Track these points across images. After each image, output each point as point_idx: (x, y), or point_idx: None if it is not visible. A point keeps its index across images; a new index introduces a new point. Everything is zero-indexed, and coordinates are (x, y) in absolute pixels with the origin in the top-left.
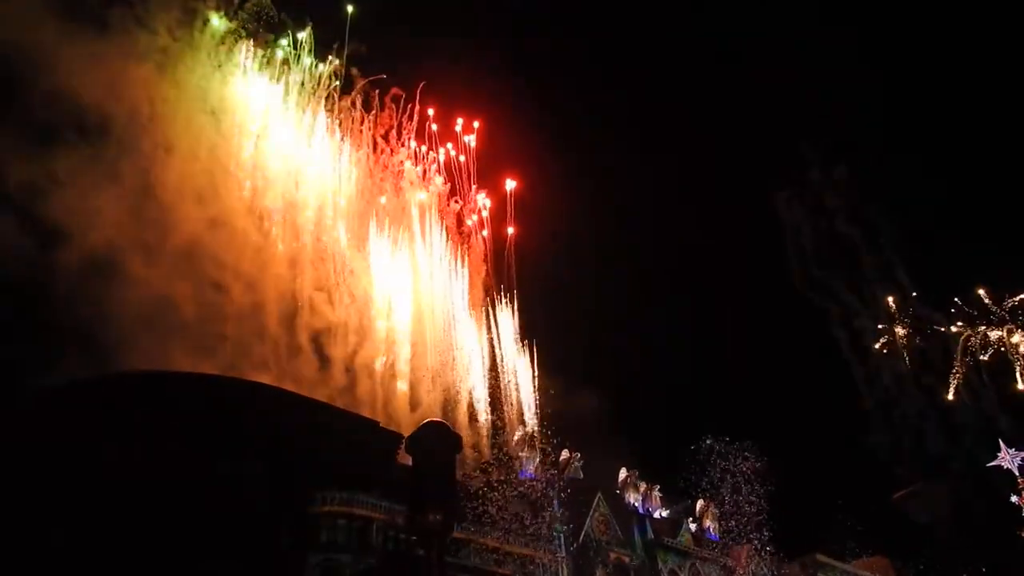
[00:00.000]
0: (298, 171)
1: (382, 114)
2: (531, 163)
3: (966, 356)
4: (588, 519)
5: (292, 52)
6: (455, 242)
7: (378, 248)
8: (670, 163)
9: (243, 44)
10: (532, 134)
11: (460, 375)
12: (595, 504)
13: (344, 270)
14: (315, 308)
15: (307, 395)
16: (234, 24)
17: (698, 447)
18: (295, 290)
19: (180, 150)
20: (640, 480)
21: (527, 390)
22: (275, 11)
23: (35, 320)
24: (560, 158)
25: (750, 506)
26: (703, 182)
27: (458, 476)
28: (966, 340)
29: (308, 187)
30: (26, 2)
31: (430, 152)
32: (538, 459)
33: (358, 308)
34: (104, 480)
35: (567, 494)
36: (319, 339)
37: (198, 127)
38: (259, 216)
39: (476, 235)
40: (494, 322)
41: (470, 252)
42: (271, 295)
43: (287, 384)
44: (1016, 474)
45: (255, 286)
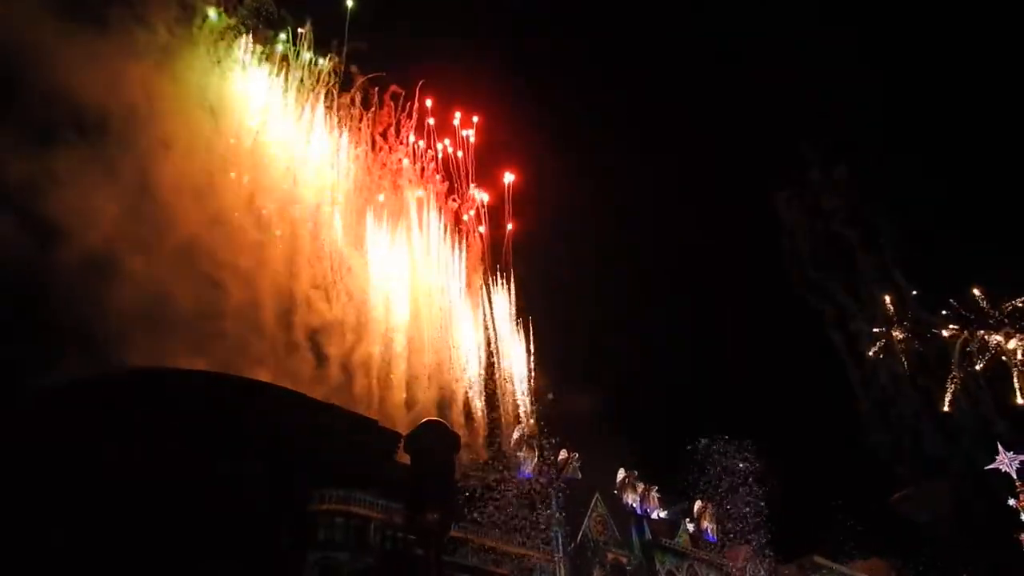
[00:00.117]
0: (296, 168)
1: (381, 112)
2: (531, 163)
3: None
4: (586, 519)
5: (291, 49)
6: (453, 238)
7: (375, 240)
8: (670, 163)
9: (242, 40)
10: (532, 134)
11: (457, 374)
12: (593, 504)
13: (341, 268)
14: (312, 305)
15: (305, 393)
16: (233, 20)
17: (695, 447)
18: (292, 287)
19: (178, 147)
20: (638, 481)
21: (524, 390)
22: (274, 7)
23: (35, 320)
24: (560, 158)
25: (748, 507)
26: (703, 182)
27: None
28: (963, 344)
29: (306, 184)
30: (24, 0)
31: (428, 150)
32: (536, 459)
33: (355, 306)
34: (104, 480)
35: (565, 494)
36: (316, 337)
37: (197, 124)
38: (257, 213)
39: (473, 232)
40: (492, 322)
41: (468, 250)
42: (268, 292)
43: (284, 381)
44: (1014, 477)
45: (253, 283)
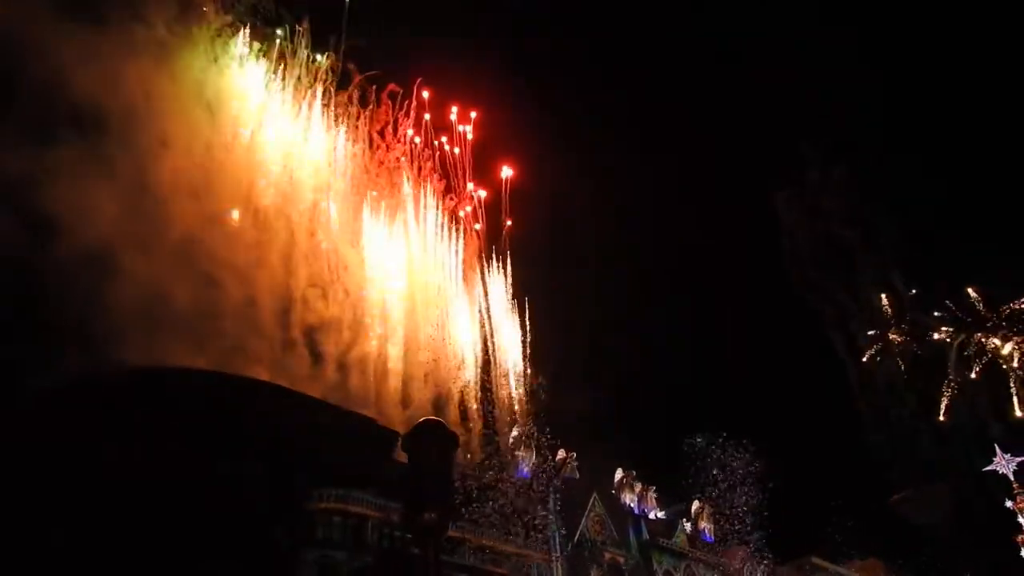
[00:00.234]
0: (293, 166)
1: (379, 110)
2: (530, 163)
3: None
4: (584, 519)
5: (288, 46)
6: (450, 235)
7: (372, 237)
8: (670, 163)
9: (239, 37)
10: (531, 134)
11: (453, 373)
12: (591, 504)
13: (338, 266)
14: (309, 304)
15: (302, 391)
16: (231, 17)
17: (691, 445)
18: (289, 286)
19: (176, 145)
20: (636, 481)
21: (522, 390)
22: (272, 4)
23: (34, 320)
24: (560, 157)
25: (746, 508)
26: (703, 182)
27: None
28: (960, 347)
29: (303, 182)
30: None
31: (425, 149)
32: (534, 458)
33: (352, 304)
34: (104, 480)
35: (563, 494)
36: (312, 335)
37: (194, 121)
38: (254, 211)
39: (471, 230)
40: (489, 322)
41: (466, 247)
42: (266, 291)
43: (280, 380)
44: (1012, 479)
45: (250, 281)
